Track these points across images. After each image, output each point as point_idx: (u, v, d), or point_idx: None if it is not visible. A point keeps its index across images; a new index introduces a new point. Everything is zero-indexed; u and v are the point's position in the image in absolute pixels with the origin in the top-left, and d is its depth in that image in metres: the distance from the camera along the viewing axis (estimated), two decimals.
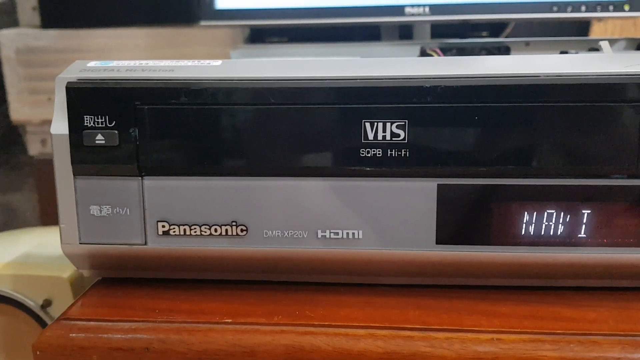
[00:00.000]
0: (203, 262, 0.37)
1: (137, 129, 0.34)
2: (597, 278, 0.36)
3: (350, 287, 0.38)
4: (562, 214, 0.34)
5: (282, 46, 0.69)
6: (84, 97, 0.34)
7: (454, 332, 0.32)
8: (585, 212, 0.34)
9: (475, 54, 0.62)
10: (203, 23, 0.65)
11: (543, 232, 0.34)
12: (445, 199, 0.34)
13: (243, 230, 0.36)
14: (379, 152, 0.34)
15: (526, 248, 0.35)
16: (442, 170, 0.34)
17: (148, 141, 0.35)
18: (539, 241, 0.34)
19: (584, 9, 0.60)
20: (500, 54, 0.61)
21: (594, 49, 0.59)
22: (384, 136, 0.34)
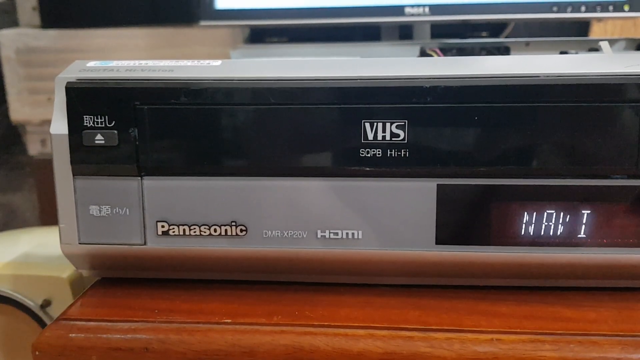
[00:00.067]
0: (202, 262, 0.37)
1: (137, 129, 0.34)
2: (597, 278, 0.36)
3: (350, 287, 0.38)
4: (562, 214, 0.34)
5: (282, 46, 0.69)
6: (84, 97, 0.34)
7: (454, 333, 0.32)
8: (585, 213, 0.34)
9: (475, 54, 0.62)
10: (203, 23, 0.65)
11: (543, 232, 0.34)
12: (445, 199, 0.34)
13: (243, 231, 0.36)
14: (378, 152, 0.34)
15: (526, 248, 0.35)
16: (442, 171, 0.34)
17: (147, 141, 0.35)
18: (538, 241, 0.34)
19: (583, 9, 0.60)
20: (500, 54, 0.61)
21: (594, 49, 0.59)
22: (383, 136, 0.34)
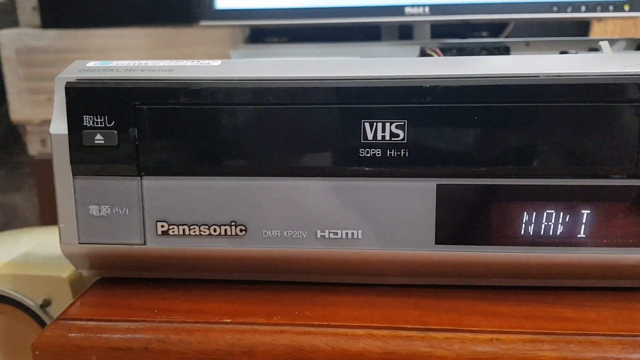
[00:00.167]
0: (202, 262, 0.37)
1: (137, 129, 0.34)
2: (597, 278, 0.36)
3: (350, 287, 0.38)
4: (562, 214, 0.34)
5: (282, 46, 0.69)
6: (83, 97, 0.34)
7: (453, 332, 0.32)
8: (585, 212, 0.34)
9: (475, 54, 0.62)
10: (203, 23, 0.65)
11: (543, 232, 0.34)
12: (444, 199, 0.34)
13: (242, 230, 0.36)
14: (378, 152, 0.34)
15: (526, 248, 0.35)
16: (442, 170, 0.34)
17: (147, 141, 0.35)
18: (538, 241, 0.34)
19: (583, 9, 0.60)
20: (500, 54, 0.61)
21: (594, 49, 0.59)
22: (383, 136, 0.34)
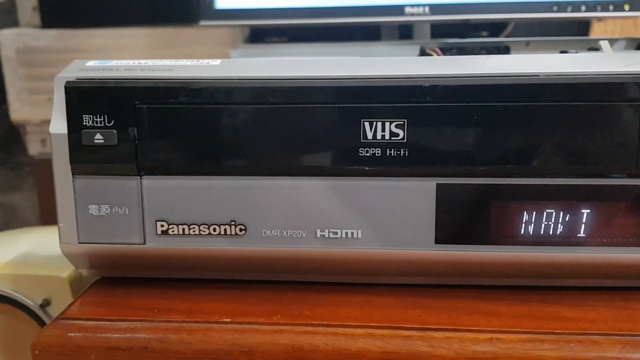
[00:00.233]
0: (202, 261, 0.37)
1: (136, 128, 0.34)
2: (596, 278, 0.36)
3: (349, 286, 0.38)
4: (562, 214, 0.34)
5: (282, 46, 0.69)
6: (83, 97, 0.34)
7: (453, 332, 0.32)
8: (585, 212, 0.34)
9: (475, 53, 0.61)
10: (203, 23, 0.65)
11: (542, 231, 0.34)
12: (444, 199, 0.34)
13: (242, 230, 0.36)
14: (378, 151, 0.34)
15: (526, 248, 0.35)
16: (441, 170, 0.34)
17: (147, 140, 0.35)
18: (538, 241, 0.34)
19: (583, 8, 0.60)
20: (500, 53, 0.61)
21: (594, 49, 0.59)
22: (383, 135, 0.34)
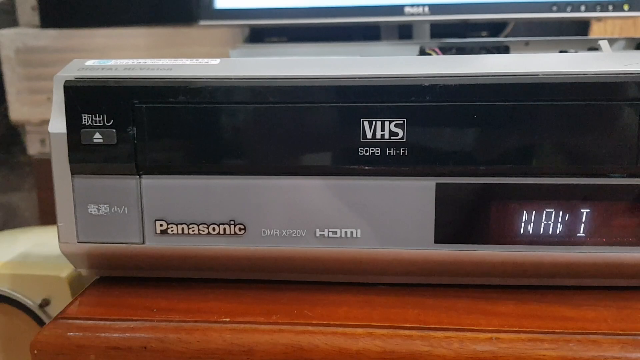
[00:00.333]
0: (201, 261, 0.37)
1: (135, 127, 0.34)
2: (596, 277, 0.36)
3: (349, 286, 0.38)
4: (561, 213, 0.34)
5: (281, 46, 0.69)
6: (82, 96, 0.34)
7: (453, 332, 0.32)
8: (584, 211, 0.34)
9: (474, 53, 0.61)
10: (202, 23, 0.65)
11: (542, 231, 0.34)
12: (443, 198, 0.34)
13: (241, 229, 0.36)
14: (377, 151, 0.34)
15: (525, 247, 0.34)
16: (441, 169, 0.34)
17: (146, 140, 0.35)
18: (537, 240, 0.34)
19: (583, 8, 0.60)
20: (500, 53, 0.61)
21: (593, 49, 0.59)
22: (382, 135, 0.34)
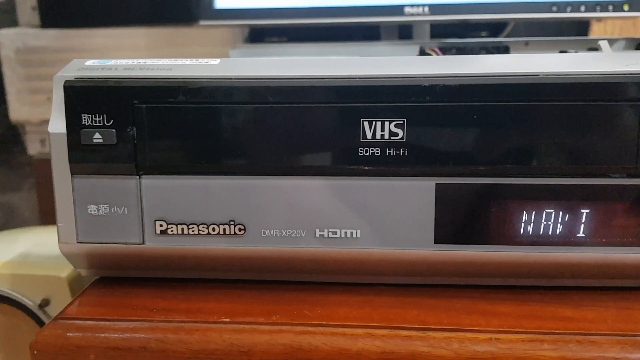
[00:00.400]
0: (201, 261, 0.37)
1: (135, 127, 0.34)
2: (596, 278, 0.36)
3: (349, 286, 0.38)
4: (561, 214, 0.34)
5: (281, 46, 0.69)
6: (82, 96, 0.34)
7: (453, 332, 0.32)
8: (584, 212, 0.34)
9: (474, 53, 0.61)
10: (202, 23, 0.65)
11: (542, 231, 0.34)
12: (443, 198, 0.34)
13: (241, 230, 0.36)
14: (377, 151, 0.34)
15: (525, 247, 0.34)
16: (441, 170, 0.34)
17: (146, 140, 0.35)
18: (537, 241, 0.34)
19: (583, 9, 0.60)
20: (500, 53, 0.61)
21: (593, 49, 0.59)
22: (382, 135, 0.34)
